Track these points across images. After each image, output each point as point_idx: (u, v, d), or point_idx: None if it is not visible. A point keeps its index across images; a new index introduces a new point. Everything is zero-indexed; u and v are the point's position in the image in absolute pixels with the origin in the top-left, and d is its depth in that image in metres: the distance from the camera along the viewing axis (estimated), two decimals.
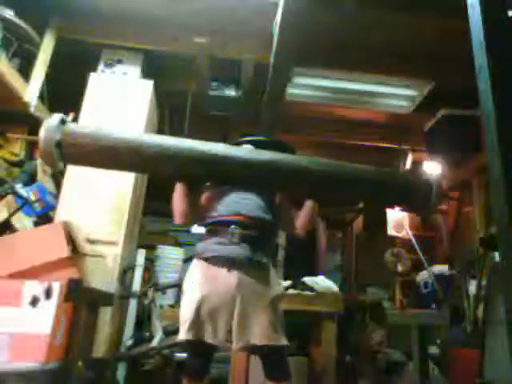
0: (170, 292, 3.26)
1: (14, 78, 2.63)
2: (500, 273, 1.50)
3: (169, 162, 1.71)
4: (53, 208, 2.77)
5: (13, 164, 2.90)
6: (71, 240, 2.38)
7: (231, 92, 3.32)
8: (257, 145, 1.96)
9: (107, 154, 1.69)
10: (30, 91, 2.80)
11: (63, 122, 1.69)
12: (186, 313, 1.65)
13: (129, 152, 1.68)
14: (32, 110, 2.80)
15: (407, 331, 3.35)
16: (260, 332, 1.61)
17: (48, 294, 1.78)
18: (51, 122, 1.67)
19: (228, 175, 1.77)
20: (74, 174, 2.74)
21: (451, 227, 4.45)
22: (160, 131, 3.55)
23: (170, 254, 3.61)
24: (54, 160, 1.67)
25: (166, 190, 1.82)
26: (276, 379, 1.67)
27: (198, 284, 1.66)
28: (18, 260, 2.13)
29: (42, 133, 1.65)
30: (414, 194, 1.87)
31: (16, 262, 2.11)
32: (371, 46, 3.06)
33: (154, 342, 2.67)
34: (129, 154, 1.69)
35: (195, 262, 1.75)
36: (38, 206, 2.71)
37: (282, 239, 4.00)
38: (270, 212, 1.83)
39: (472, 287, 3.22)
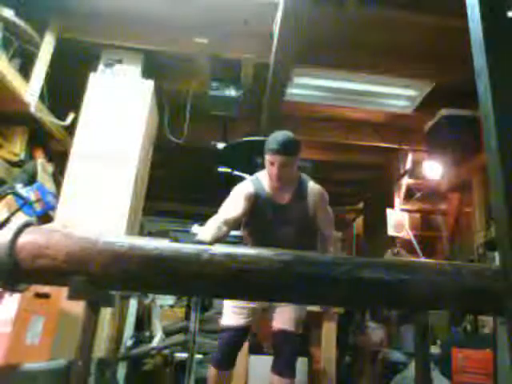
0: None
1: (14, 78, 2.62)
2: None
3: None
4: (53, 208, 2.77)
5: (13, 164, 2.90)
6: None
7: (231, 92, 3.31)
8: (257, 145, 1.96)
9: None
10: (30, 91, 2.79)
11: None
12: None
13: None
14: (32, 109, 2.80)
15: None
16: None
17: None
18: None
19: None
20: (75, 174, 2.74)
21: (451, 227, 4.45)
22: (160, 131, 3.55)
23: None
24: None
25: (165, 190, 1.82)
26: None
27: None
28: None
29: None
30: None
31: None
32: (371, 46, 3.06)
33: (154, 342, 2.67)
34: None
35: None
36: (38, 206, 2.71)
37: None
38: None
39: None
